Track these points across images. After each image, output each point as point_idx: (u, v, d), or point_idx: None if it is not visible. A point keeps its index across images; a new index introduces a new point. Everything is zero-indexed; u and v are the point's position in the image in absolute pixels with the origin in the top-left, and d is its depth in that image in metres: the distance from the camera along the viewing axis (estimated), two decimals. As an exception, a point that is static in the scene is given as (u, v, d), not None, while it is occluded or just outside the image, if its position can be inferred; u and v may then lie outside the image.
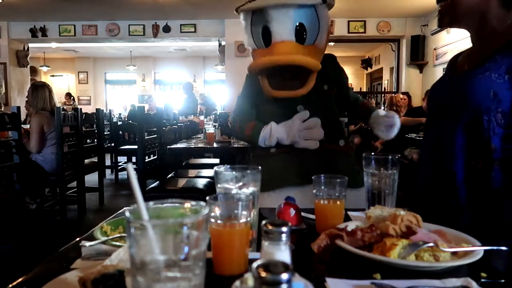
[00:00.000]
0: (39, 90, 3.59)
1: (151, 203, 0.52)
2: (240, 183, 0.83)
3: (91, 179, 4.45)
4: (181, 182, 3.10)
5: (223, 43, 7.74)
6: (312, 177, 0.97)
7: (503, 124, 0.99)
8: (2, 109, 4.75)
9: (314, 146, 1.44)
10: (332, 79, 1.53)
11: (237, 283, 0.50)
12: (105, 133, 5.71)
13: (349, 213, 1.07)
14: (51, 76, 13.05)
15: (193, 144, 3.72)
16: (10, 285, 0.68)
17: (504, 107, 0.98)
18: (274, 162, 1.49)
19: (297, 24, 1.41)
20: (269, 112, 1.53)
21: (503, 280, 0.70)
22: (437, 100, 1.17)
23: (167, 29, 7.72)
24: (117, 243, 0.81)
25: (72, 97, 11.40)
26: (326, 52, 1.54)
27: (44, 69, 11.94)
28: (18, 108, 3.05)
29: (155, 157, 3.36)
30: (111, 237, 0.85)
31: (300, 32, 1.42)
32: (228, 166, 0.87)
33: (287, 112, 1.48)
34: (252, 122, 1.54)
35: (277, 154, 1.50)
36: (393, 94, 6.19)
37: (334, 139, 1.50)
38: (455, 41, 6.36)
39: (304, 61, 1.37)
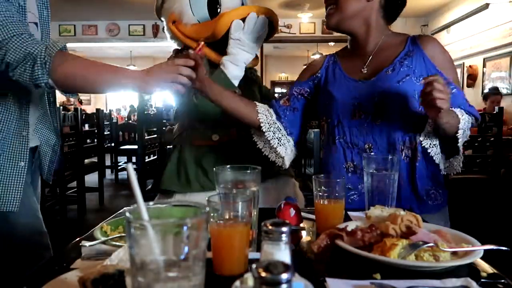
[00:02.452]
0: None
1: (151, 203, 0.52)
2: (240, 183, 0.84)
3: (91, 179, 4.45)
4: (181, 182, 3.09)
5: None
6: (312, 177, 0.97)
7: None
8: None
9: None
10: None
11: (237, 283, 0.50)
12: (105, 133, 5.70)
13: (349, 213, 1.08)
14: (51, 76, 13.06)
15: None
16: (10, 285, 0.68)
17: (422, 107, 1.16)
18: (215, 154, 1.41)
19: None
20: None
21: (503, 280, 0.70)
22: (354, 102, 1.25)
23: (167, 29, 7.73)
24: (117, 243, 0.81)
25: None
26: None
27: (44, 69, 11.94)
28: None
29: (155, 157, 3.36)
30: (111, 237, 0.85)
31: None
32: (228, 166, 0.87)
33: None
34: None
35: (219, 144, 1.42)
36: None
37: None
38: (455, 41, 6.37)
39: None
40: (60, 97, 10.85)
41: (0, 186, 1.04)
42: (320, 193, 0.95)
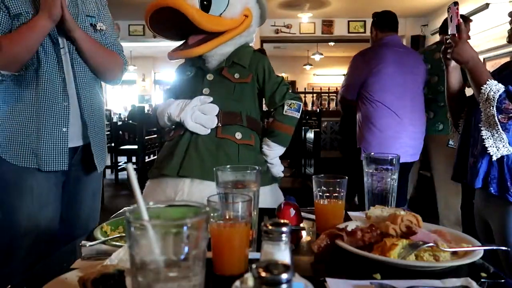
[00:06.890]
0: None
1: (151, 203, 0.52)
2: (240, 183, 0.84)
3: (91, 179, 4.44)
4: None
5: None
6: (312, 177, 0.97)
7: None
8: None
9: (203, 132, 1.40)
10: (247, 70, 1.49)
11: (237, 283, 0.50)
12: (105, 133, 5.70)
13: (349, 213, 1.07)
14: (51, 76, 13.04)
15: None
16: (10, 285, 0.68)
17: None
18: (169, 147, 1.46)
19: None
20: (180, 92, 1.53)
21: (503, 280, 0.70)
22: None
23: (167, 29, 7.73)
24: (117, 243, 0.81)
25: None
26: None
27: (44, 69, 11.94)
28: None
29: (155, 157, 3.36)
30: (111, 237, 0.85)
31: (204, 2, 1.43)
32: (228, 166, 0.87)
33: (193, 92, 1.46)
34: None
35: (172, 139, 1.46)
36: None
37: (231, 130, 1.44)
38: (455, 41, 6.36)
39: (184, 8, 1.34)
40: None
41: (50, 148, 1.27)
42: (320, 193, 0.95)
